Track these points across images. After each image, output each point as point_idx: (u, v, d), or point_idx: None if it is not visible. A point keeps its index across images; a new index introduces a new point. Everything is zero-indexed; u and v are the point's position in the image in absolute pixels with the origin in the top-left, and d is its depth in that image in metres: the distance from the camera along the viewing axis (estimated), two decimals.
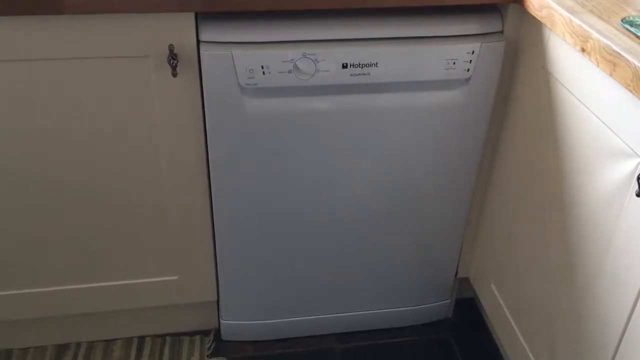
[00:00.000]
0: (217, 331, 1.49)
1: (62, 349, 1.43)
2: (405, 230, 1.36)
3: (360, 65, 1.12)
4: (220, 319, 1.45)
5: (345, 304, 1.47)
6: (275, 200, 1.26)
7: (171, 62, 1.07)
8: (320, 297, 1.44)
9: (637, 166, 0.87)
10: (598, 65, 0.89)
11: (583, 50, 0.93)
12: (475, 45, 1.14)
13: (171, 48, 1.07)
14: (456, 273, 1.49)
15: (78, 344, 1.44)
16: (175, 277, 1.35)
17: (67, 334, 1.44)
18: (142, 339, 1.46)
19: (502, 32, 1.18)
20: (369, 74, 1.13)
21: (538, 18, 1.06)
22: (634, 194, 0.87)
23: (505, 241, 1.30)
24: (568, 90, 1.03)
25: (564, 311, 1.09)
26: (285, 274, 1.38)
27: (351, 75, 1.13)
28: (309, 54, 1.10)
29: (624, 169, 0.89)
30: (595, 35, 0.89)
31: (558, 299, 1.10)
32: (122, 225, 1.27)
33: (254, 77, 1.10)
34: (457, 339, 1.52)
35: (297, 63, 1.10)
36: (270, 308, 1.44)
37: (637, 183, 0.85)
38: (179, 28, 1.06)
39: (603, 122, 0.94)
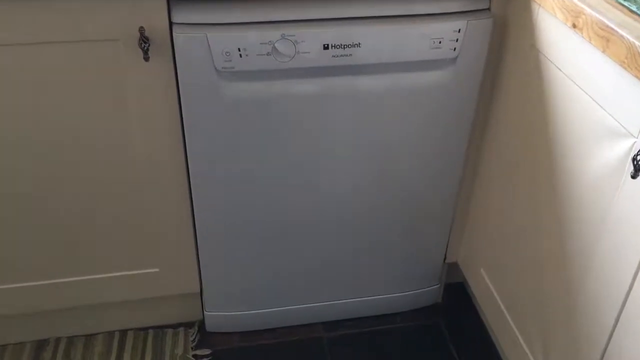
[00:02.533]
0: (202, 323, 1.47)
1: (41, 344, 1.40)
2: (392, 215, 1.34)
3: (342, 46, 1.10)
4: (204, 311, 1.42)
5: (332, 292, 1.45)
6: (257, 188, 1.24)
7: (142, 45, 1.02)
8: (306, 286, 1.42)
9: (632, 147, 0.84)
10: (590, 42, 0.87)
11: (574, 26, 0.90)
12: (461, 23, 1.12)
13: (142, 31, 1.02)
14: (445, 258, 1.47)
15: (57, 339, 1.41)
16: (156, 270, 1.33)
17: (46, 330, 1.41)
18: (124, 332, 1.44)
19: (489, 9, 1.15)
20: (351, 55, 1.11)
21: None
22: (629, 176, 0.84)
23: (495, 224, 1.28)
24: (558, 68, 1.00)
25: (556, 294, 1.07)
26: (269, 263, 1.36)
27: (333, 56, 1.10)
28: (288, 35, 1.07)
29: (618, 149, 0.86)
30: (587, 10, 0.87)
31: (549, 282, 1.09)
32: (101, 217, 1.24)
33: (230, 60, 1.07)
34: (447, 324, 1.51)
35: (275, 45, 1.07)
36: (255, 298, 1.42)
37: (632, 164, 0.82)
38: (149, 9, 1.02)
39: (596, 101, 0.91)
